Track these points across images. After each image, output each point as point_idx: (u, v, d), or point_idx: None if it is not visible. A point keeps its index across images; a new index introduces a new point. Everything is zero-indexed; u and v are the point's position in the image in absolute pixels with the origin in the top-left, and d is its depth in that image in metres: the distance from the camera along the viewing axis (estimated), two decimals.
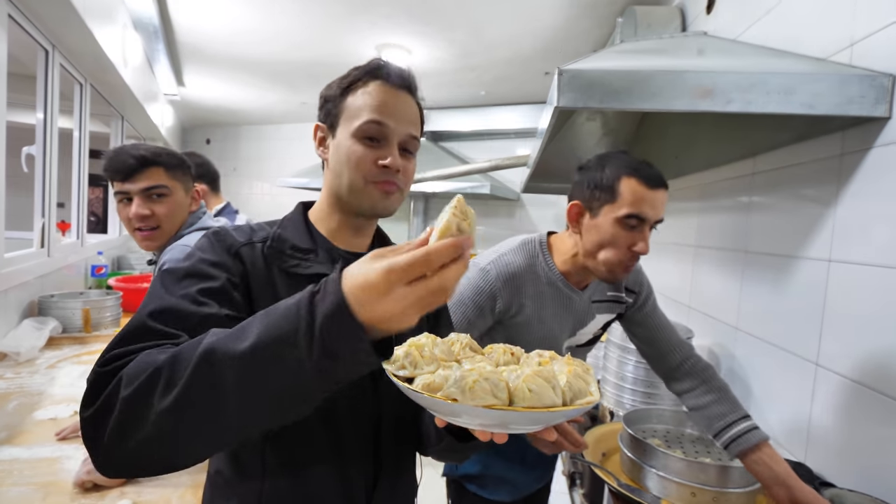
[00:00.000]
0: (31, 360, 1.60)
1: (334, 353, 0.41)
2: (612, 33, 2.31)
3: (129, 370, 0.45)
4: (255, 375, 0.42)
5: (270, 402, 0.44)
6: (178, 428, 0.43)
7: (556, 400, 0.45)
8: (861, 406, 0.82)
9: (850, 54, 0.89)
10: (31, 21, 1.81)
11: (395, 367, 0.49)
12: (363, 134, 0.66)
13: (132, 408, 0.43)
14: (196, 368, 0.43)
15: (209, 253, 0.62)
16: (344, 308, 0.41)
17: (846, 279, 0.88)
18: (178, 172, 1.20)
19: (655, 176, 0.93)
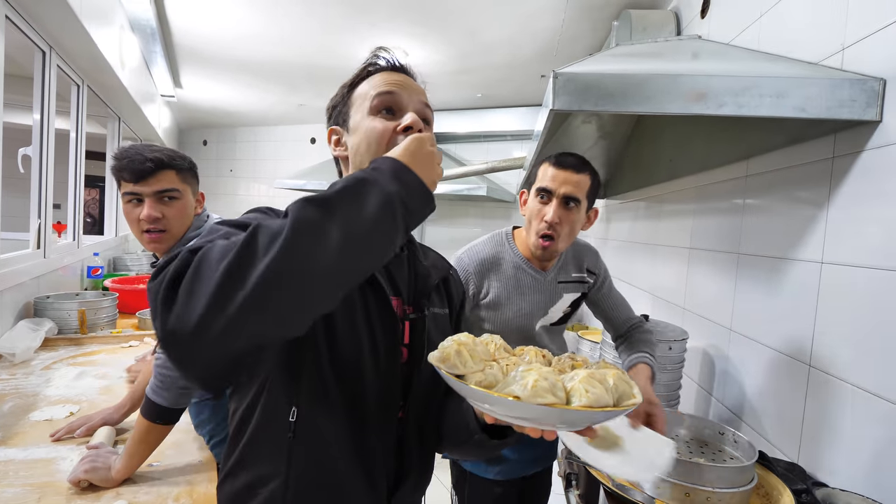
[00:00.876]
0: (26, 362, 1.60)
1: (408, 188, 0.50)
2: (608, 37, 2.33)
3: (216, 244, 0.44)
4: (352, 207, 0.46)
5: (368, 236, 0.46)
6: (284, 277, 0.42)
7: (609, 401, 0.48)
8: (853, 407, 0.83)
9: (842, 58, 0.90)
10: (28, 22, 1.81)
11: (448, 367, 0.52)
12: (378, 107, 0.67)
13: (234, 267, 0.41)
14: (298, 216, 0.43)
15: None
16: (398, 162, 0.52)
17: (838, 281, 0.89)
18: (188, 176, 1.21)
19: (566, 160, 1.16)
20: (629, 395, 0.51)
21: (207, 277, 0.41)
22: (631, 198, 2.31)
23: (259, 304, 0.41)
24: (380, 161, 0.52)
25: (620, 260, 2.48)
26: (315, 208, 0.45)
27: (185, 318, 0.41)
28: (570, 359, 0.61)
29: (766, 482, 0.86)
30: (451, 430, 0.71)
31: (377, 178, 0.49)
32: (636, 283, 2.11)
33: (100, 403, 1.31)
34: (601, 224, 3.05)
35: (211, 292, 0.41)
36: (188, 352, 0.42)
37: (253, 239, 0.43)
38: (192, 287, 0.42)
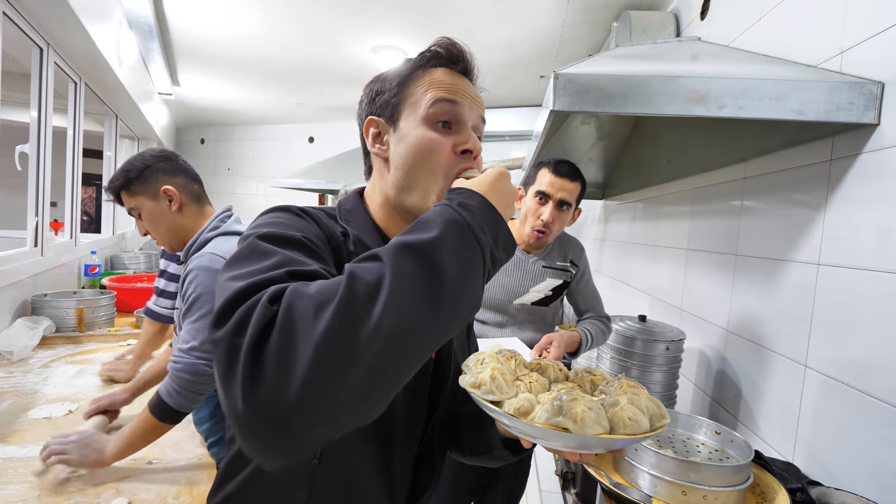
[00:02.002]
0: (24, 360, 1.59)
1: (496, 238, 0.46)
2: (608, 38, 2.34)
3: (301, 297, 0.36)
4: (459, 251, 0.42)
5: (470, 286, 0.42)
6: (394, 342, 0.36)
7: (648, 427, 0.50)
8: (848, 407, 0.83)
9: (840, 61, 0.91)
10: (25, 19, 1.80)
11: (484, 392, 0.51)
12: (436, 117, 0.59)
13: (335, 338, 0.34)
14: (397, 264, 0.38)
15: (310, 233, 0.52)
16: (487, 201, 0.47)
17: (834, 283, 0.89)
18: (134, 188, 1.17)
19: (563, 169, 1.37)
20: (658, 414, 0.53)
21: (304, 343, 0.34)
22: (629, 199, 2.32)
23: (379, 373, 0.36)
24: (472, 199, 0.47)
25: (618, 261, 2.49)
26: (415, 261, 0.39)
27: (281, 395, 0.33)
28: (588, 373, 0.62)
29: (762, 481, 0.87)
30: (467, 440, 0.69)
31: (472, 225, 0.44)
32: (634, 284, 2.12)
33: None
34: (599, 224, 3.05)
35: (314, 365, 0.34)
36: (282, 435, 0.34)
37: (352, 296, 0.36)
38: (285, 355, 0.34)
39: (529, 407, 0.50)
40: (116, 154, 3.56)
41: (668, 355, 1.29)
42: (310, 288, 0.38)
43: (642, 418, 0.50)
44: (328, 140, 5.18)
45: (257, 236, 0.47)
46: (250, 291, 0.38)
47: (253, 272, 0.41)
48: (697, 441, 1.00)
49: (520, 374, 0.57)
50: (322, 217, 0.57)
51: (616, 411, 0.49)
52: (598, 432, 0.47)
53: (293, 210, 0.55)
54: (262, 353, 0.34)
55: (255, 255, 0.44)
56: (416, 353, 0.39)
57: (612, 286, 2.55)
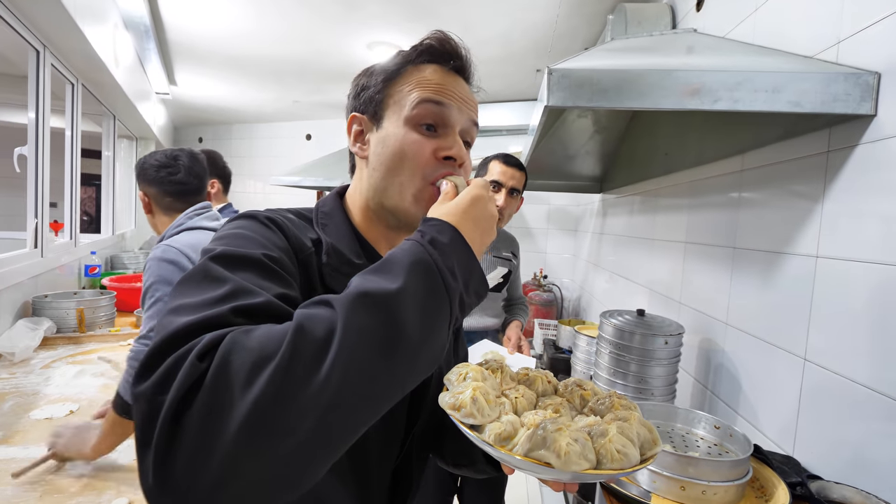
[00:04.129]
0: (25, 361, 1.60)
1: (466, 282, 0.43)
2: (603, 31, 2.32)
3: (233, 354, 0.32)
4: (421, 310, 0.37)
5: (433, 343, 0.39)
6: (338, 410, 0.32)
7: (638, 457, 0.47)
8: (848, 400, 0.83)
9: (837, 52, 0.90)
10: (21, 21, 1.80)
11: (463, 415, 0.48)
12: (419, 119, 0.55)
13: (278, 391, 0.30)
14: (351, 317, 0.34)
15: (275, 248, 0.48)
16: (460, 236, 0.44)
17: (833, 275, 0.89)
18: (147, 179, 1.31)
19: (511, 160, 1.61)
20: (650, 440, 0.50)
21: (232, 411, 0.30)
22: (626, 192, 2.31)
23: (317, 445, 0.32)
24: (444, 234, 0.43)
25: (616, 254, 2.48)
26: (372, 314, 0.35)
27: (198, 472, 0.29)
28: (578, 386, 0.59)
29: (762, 475, 0.87)
30: (450, 451, 0.67)
31: (442, 268, 0.40)
32: (632, 278, 2.12)
33: (99, 401, 1.31)
34: (597, 218, 3.05)
35: (241, 439, 0.29)
36: None
37: (295, 355, 0.32)
38: (208, 425, 0.30)
39: (512, 431, 0.47)
40: (115, 154, 3.56)
41: (668, 349, 1.29)
42: (250, 339, 0.33)
43: (632, 450, 0.46)
44: (325, 137, 5.16)
45: (211, 256, 0.43)
46: (184, 336, 0.34)
47: (195, 306, 0.37)
48: (697, 436, 1.00)
49: (506, 389, 0.54)
50: (290, 226, 0.52)
51: (604, 443, 0.46)
52: (583, 467, 0.44)
53: (260, 218, 0.51)
54: (182, 418, 0.30)
55: (204, 281, 0.40)
56: (362, 419, 0.35)
57: (611, 280, 2.55)
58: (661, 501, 0.80)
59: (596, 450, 0.46)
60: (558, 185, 2.65)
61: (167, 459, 0.29)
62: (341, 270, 0.53)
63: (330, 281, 0.52)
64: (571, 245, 4.01)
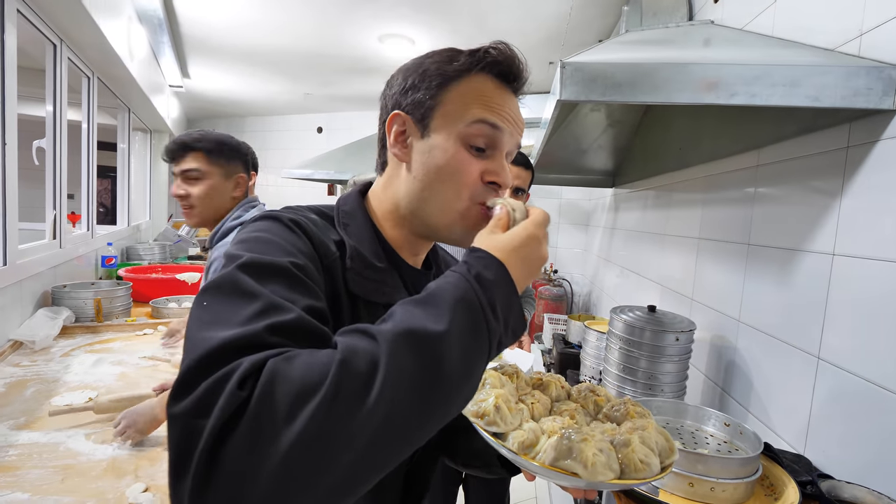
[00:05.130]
0: (45, 349, 1.65)
1: (507, 322, 0.42)
2: (618, 22, 2.29)
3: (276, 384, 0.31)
4: (462, 353, 0.37)
5: (472, 382, 0.39)
6: (376, 448, 0.33)
7: (659, 466, 0.48)
8: (861, 400, 0.82)
9: (859, 45, 0.88)
10: (38, 16, 1.83)
11: (486, 423, 0.49)
12: (473, 139, 0.53)
13: (320, 428, 0.30)
14: (395, 356, 0.34)
15: (302, 255, 0.47)
16: (507, 274, 0.43)
17: (849, 273, 0.88)
18: (219, 157, 1.31)
19: (517, 158, 1.52)
20: (667, 449, 0.51)
21: (274, 446, 0.30)
22: (640, 187, 2.29)
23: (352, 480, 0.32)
24: (491, 270, 0.42)
25: (628, 249, 2.47)
26: (416, 356, 0.35)
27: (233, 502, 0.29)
28: (592, 392, 0.60)
29: (772, 473, 0.87)
30: (463, 452, 0.67)
31: (486, 308, 0.40)
32: (644, 273, 2.10)
33: (116, 389, 1.35)
34: (609, 213, 3.02)
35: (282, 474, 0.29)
36: None
37: (338, 392, 0.32)
38: (249, 457, 0.29)
39: (534, 439, 0.48)
40: (130, 146, 3.61)
41: (678, 346, 1.28)
42: (293, 368, 0.32)
43: (654, 460, 0.48)
44: (336, 130, 5.18)
45: (239, 265, 0.41)
46: (220, 355, 0.34)
47: (229, 323, 0.36)
48: (706, 433, 1.00)
49: (521, 394, 0.55)
50: (314, 229, 0.51)
51: (627, 453, 0.47)
52: (608, 477, 0.45)
53: (284, 220, 0.49)
54: (222, 448, 0.30)
55: (234, 294, 0.39)
56: (398, 455, 0.35)
57: (622, 275, 2.53)
58: (669, 497, 0.80)
59: (619, 460, 0.47)
60: (570, 179, 2.63)
61: (205, 490, 0.29)
62: (364, 274, 0.53)
63: (353, 286, 0.52)
64: (582, 240, 3.99)
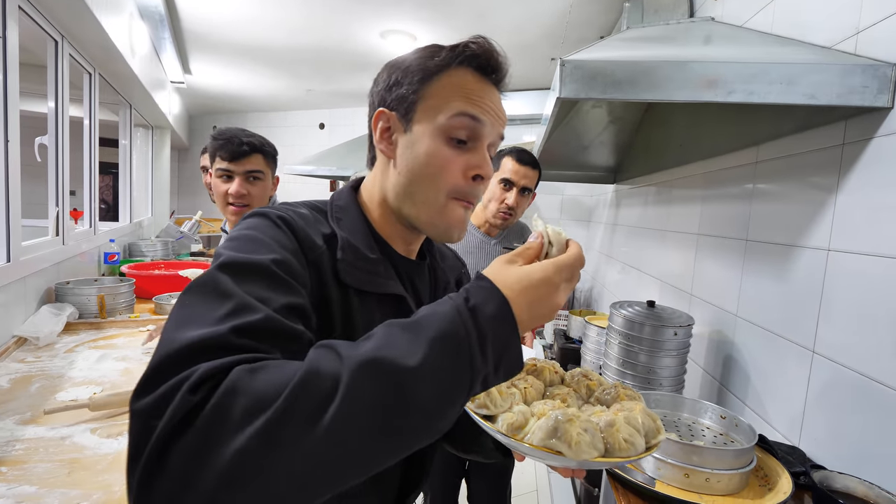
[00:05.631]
0: (50, 345, 1.66)
1: (498, 361, 0.39)
2: (619, 18, 2.29)
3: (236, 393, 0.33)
4: (432, 391, 0.35)
5: (437, 421, 0.37)
6: (324, 468, 0.33)
7: (643, 446, 0.49)
8: (854, 393, 0.84)
9: (856, 42, 0.88)
10: (40, 12, 1.83)
11: (476, 405, 0.50)
12: (453, 132, 0.54)
13: (265, 442, 0.31)
14: (355, 383, 0.34)
15: (286, 251, 0.48)
16: (508, 311, 0.40)
17: (844, 269, 0.89)
18: (272, 161, 1.39)
19: (525, 158, 1.56)
20: (654, 429, 0.52)
21: (216, 457, 0.30)
22: (641, 183, 2.30)
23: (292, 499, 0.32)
24: (490, 305, 0.39)
25: (629, 245, 2.48)
26: (380, 387, 0.34)
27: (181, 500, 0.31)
28: (584, 376, 0.61)
29: (766, 464, 0.88)
30: (460, 437, 0.68)
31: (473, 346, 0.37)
32: (644, 269, 2.12)
33: (121, 385, 1.36)
34: (611, 209, 3.03)
35: (218, 485, 0.30)
36: None
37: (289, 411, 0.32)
38: (192, 462, 0.31)
39: (523, 421, 0.49)
40: (131, 142, 3.62)
41: (677, 340, 1.29)
42: (254, 381, 0.33)
43: (638, 439, 0.49)
44: (338, 126, 5.18)
45: (220, 265, 0.43)
46: (185, 355, 0.35)
47: (199, 323, 0.38)
48: (703, 425, 1.02)
49: (515, 379, 0.56)
50: (301, 225, 0.52)
51: (612, 432, 0.48)
52: (592, 456, 0.46)
53: (271, 217, 0.51)
54: (168, 450, 0.31)
55: (210, 294, 0.41)
56: (346, 480, 0.34)
57: (623, 271, 2.54)
58: (665, 488, 0.81)
59: (604, 439, 0.48)
60: (572, 175, 2.64)
61: (149, 487, 0.31)
62: (356, 265, 0.53)
63: (345, 276, 0.52)
64: (584, 236, 4.00)
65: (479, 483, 1.63)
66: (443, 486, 1.57)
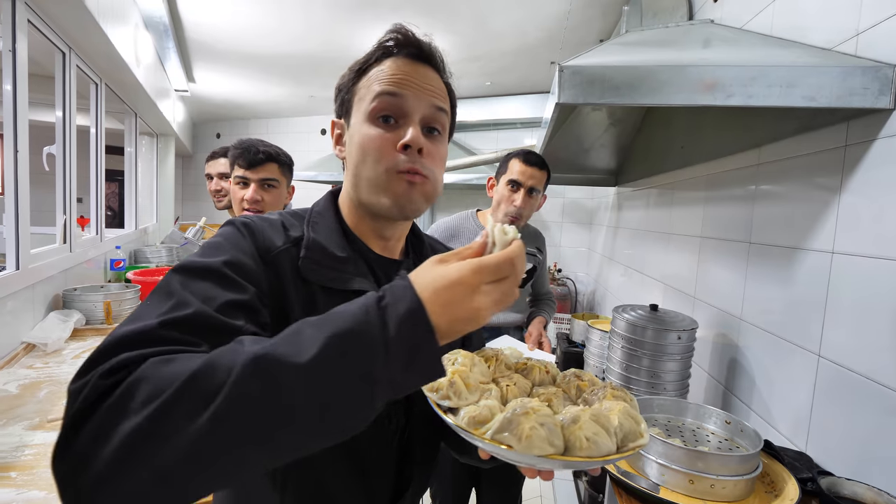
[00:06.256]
0: (57, 351, 1.68)
1: (408, 363, 0.37)
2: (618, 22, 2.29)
3: (141, 381, 0.35)
4: (320, 390, 0.35)
5: (327, 423, 0.36)
6: (204, 459, 0.33)
7: (612, 447, 0.44)
8: (861, 397, 0.83)
9: (856, 44, 0.88)
10: (48, 25, 1.86)
11: (439, 397, 0.47)
12: (377, 112, 0.56)
13: (152, 429, 0.33)
14: (241, 380, 0.34)
15: (239, 252, 0.51)
16: (421, 312, 0.37)
17: (848, 271, 0.88)
18: (286, 170, 1.45)
19: (532, 159, 1.53)
20: (635, 433, 0.47)
21: (111, 437, 0.33)
22: (642, 185, 2.29)
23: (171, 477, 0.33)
24: (402, 305, 0.38)
25: (632, 248, 2.47)
26: (264, 385, 0.34)
27: (75, 477, 0.33)
28: (576, 377, 0.58)
29: (772, 470, 0.87)
30: (454, 440, 0.67)
31: (375, 343, 0.36)
32: (647, 272, 2.11)
33: None
34: (612, 212, 3.02)
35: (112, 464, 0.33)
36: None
37: (177, 400, 0.33)
38: (95, 441, 0.33)
39: (489, 415, 0.45)
40: (136, 150, 3.66)
41: (681, 344, 1.29)
42: (160, 370, 0.35)
43: (604, 439, 0.44)
44: None
45: (174, 269, 0.48)
46: (114, 350, 0.38)
47: (137, 318, 0.42)
48: (707, 430, 1.01)
49: (500, 376, 0.54)
50: (264, 229, 0.55)
51: (574, 429, 0.44)
52: (546, 452, 0.42)
53: (237, 224, 0.55)
54: (77, 429, 0.34)
55: (159, 294, 0.45)
56: (230, 471, 0.35)
57: (626, 274, 2.53)
58: (669, 494, 0.81)
59: (565, 436, 0.44)
60: (573, 178, 2.64)
61: (61, 460, 0.34)
62: (322, 263, 0.56)
63: (308, 274, 0.55)
64: (586, 238, 3.99)
65: (489, 493, 1.61)
66: (453, 495, 1.56)
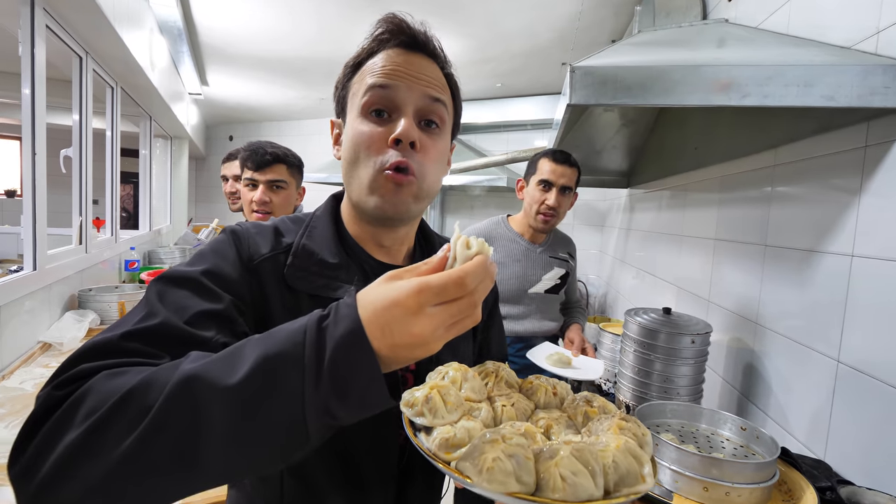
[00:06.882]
0: (72, 350, 1.70)
1: (344, 389, 0.34)
2: (631, 22, 2.27)
3: (87, 395, 0.35)
4: (246, 414, 0.33)
5: (256, 448, 0.34)
6: (133, 478, 0.33)
7: (595, 492, 0.37)
8: (882, 404, 0.80)
9: (877, 42, 0.86)
10: (66, 30, 1.90)
11: (413, 413, 0.43)
12: (368, 106, 0.54)
13: (86, 444, 0.33)
14: (169, 401, 0.33)
15: (221, 261, 0.51)
16: (360, 335, 0.34)
17: (869, 275, 0.86)
18: (295, 171, 1.46)
19: (561, 157, 1.53)
20: (635, 475, 0.40)
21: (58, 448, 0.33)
22: (655, 187, 2.26)
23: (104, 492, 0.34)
24: (343, 320, 0.35)
25: (644, 250, 2.44)
26: (187, 406, 0.33)
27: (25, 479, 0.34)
28: (586, 402, 0.51)
29: (789, 478, 0.85)
30: None
31: (307, 366, 0.34)
32: (659, 275, 2.08)
33: None
34: (624, 213, 2.99)
35: (51, 473, 0.33)
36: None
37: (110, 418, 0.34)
38: (40, 449, 0.34)
39: (465, 439, 0.41)
40: (151, 153, 3.71)
41: (695, 348, 1.26)
42: (107, 385, 0.35)
43: (584, 480, 0.37)
44: None
45: (157, 279, 0.49)
46: (80, 359, 0.39)
47: (114, 328, 0.42)
48: (722, 437, 0.99)
49: (497, 395, 0.49)
50: (249, 235, 0.55)
51: (549, 466, 0.37)
52: (509, 489, 0.36)
53: (227, 231, 0.55)
54: (29, 435, 0.35)
55: (141, 303, 0.46)
56: (159, 492, 0.34)
57: (638, 276, 2.50)
58: (683, 502, 0.79)
59: (539, 473, 0.37)
60: (584, 179, 2.60)
61: (13, 463, 0.35)
62: (310, 270, 0.55)
63: (293, 282, 0.54)
64: (598, 241, 3.95)
65: None
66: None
